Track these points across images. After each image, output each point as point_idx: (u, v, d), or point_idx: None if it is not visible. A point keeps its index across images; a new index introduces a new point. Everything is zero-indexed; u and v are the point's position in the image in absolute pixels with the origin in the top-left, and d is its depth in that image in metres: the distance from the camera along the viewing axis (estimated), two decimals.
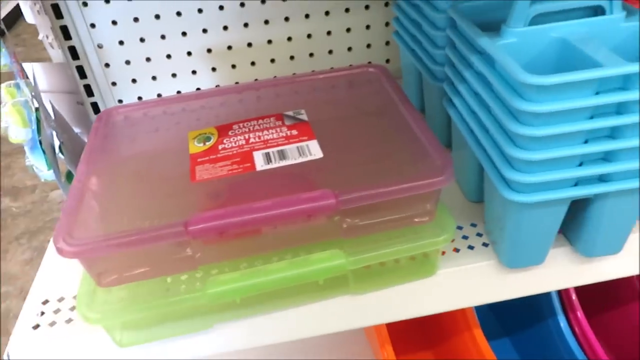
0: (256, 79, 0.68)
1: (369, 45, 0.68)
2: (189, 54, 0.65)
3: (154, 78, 0.66)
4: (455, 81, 0.43)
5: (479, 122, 0.39)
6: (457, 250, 0.44)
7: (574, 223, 0.41)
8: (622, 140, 0.34)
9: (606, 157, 0.35)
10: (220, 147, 0.43)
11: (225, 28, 0.64)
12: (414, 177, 0.36)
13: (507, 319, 0.75)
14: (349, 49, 0.68)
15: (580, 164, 0.35)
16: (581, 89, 0.32)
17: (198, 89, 0.68)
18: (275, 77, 0.68)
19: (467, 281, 0.42)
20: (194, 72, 0.66)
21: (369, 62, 0.69)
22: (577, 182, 0.36)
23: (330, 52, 0.68)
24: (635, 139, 0.34)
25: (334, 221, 0.38)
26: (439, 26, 0.48)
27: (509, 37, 0.37)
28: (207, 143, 0.43)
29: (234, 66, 0.67)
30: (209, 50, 0.65)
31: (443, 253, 0.43)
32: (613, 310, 0.70)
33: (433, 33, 0.48)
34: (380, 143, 0.42)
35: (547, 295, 0.64)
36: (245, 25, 0.64)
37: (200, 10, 0.62)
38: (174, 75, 0.66)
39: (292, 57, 0.68)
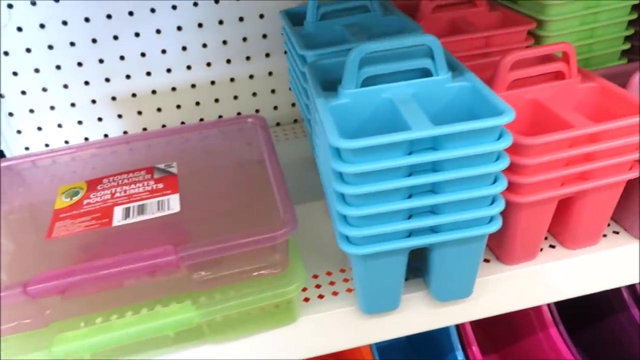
0: (163, 125, 0.70)
1: (273, 91, 0.71)
2: (94, 102, 0.67)
3: (59, 125, 0.67)
4: (313, 135, 0.45)
5: (325, 176, 0.41)
6: (321, 296, 0.45)
7: (426, 269, 0.43)
8: (442, 195, 0.36)
9: (433, 209, 0.37)
10: (85, 202, 0.44)
11: (128, 77, 0.66)
12: (256, 230, 0.38)
13: (423, 355, 0.76)
14: (254, 94, 0.70)
15: (410, 217, 0.37)
16: (393, 150, 0.34)
17: (106, 135, 0.69)
18: (163, 126, 0.69)
19: (327, 327, 0.44)
20: (100, 119, 0.68)
21: (260, 110, 0.71)
22: (411, 234, 0.38)
23: (235, 97, 0.70)
24: (453, 193, 0.36)
25: (186, 274, 0.39)
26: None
27: (343, 97, 0.39)
28: (74, 198, 0.44)
29: (140, 112, 0.68)
30: (114, 98, 0.67)
31: (307, 300, 0.45)
32: (517, 344, 0.71)
33: (304, 85, 0.50)
34: (237, 196, 0.43)
35: (447, 331, 0.66)
36: (148, 73, 0.66)
37: (101, 61, 0.64)
38: (80, 122, 0.68)
39: (197, 103, 0.69)
